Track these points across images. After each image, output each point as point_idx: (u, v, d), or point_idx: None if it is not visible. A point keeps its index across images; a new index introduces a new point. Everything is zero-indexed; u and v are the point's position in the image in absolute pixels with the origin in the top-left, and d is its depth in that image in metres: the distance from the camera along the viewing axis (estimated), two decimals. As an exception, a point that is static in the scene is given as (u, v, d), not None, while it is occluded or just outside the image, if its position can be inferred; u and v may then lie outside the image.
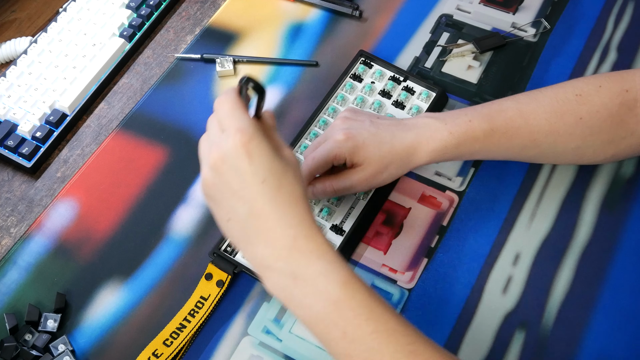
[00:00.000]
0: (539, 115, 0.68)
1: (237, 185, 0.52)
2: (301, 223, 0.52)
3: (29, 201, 0.77)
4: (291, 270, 0.52)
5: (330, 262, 0.52)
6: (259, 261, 0.53)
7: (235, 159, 0.52)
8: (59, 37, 0.86)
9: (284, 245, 0.52)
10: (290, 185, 0.52)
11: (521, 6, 0.90)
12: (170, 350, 0.65)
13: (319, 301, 0.51)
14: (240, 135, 0.51)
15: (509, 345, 0.66)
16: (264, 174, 0.51)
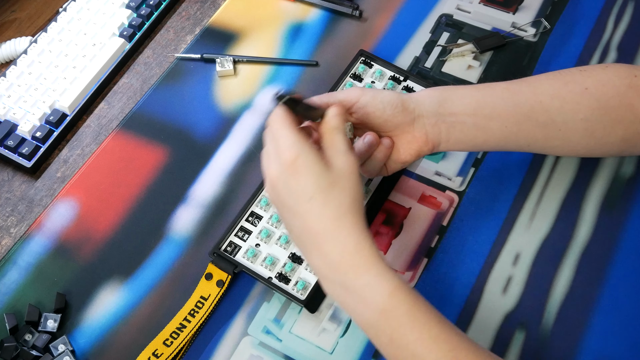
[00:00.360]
0: (540, 79, 0.68)
1: (291, 202, 0.56)
2: (348, 237, 0.55)
3: (29, 201, 0.77)
4: (341, 281, 0.55)
5: (377, 274, 0.54)
6: (316, 270, 0.58)
7: (286, 178, 0.56)
8: (59, 37, 0.86)
9: (333, 259, 0.55)
10: (337, 198, 0.55)
11: (521, 6, 0.90)
12: (171, 350, 0.65)
13: (368, 310, 0.55)
14: (288, 154, 0.55)
15: (509, 345, 0.66)
16: (311, 191, 0.55)
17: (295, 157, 0.55)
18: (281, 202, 0.57)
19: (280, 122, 0.57)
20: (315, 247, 0.56)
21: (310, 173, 0.55)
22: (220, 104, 0.83)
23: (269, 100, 0.56)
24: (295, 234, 0.58)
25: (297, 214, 0.56)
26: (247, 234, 0.72)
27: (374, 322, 0.55)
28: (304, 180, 0.55)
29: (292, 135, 0.56)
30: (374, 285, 0.54)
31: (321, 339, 0.67)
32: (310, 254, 0.57)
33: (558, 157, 0.78)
